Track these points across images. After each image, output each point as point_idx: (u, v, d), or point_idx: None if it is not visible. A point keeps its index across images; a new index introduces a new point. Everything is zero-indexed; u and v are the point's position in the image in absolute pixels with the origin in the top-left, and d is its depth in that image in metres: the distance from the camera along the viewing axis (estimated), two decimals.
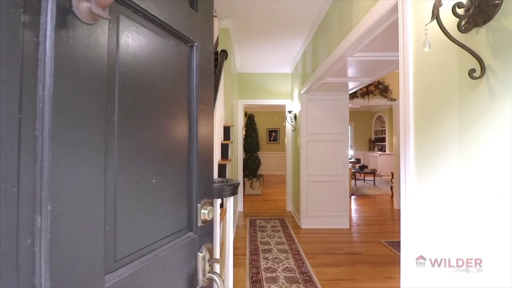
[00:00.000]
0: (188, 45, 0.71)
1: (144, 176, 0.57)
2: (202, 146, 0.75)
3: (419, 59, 1.33)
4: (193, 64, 0.72)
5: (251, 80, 5.35)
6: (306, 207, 4.19)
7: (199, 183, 0.72)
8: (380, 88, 5.28)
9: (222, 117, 2.90)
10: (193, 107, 0.72)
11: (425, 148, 1.27)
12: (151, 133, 0.59)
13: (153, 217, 0.59)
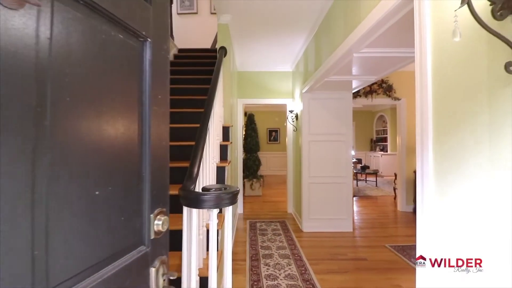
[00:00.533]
0: (139, 40, 0.64)
1: (85, 187, 0.50)
2: (156, 151, 0.69)
3: (438, 52, 1.20)
4: (145, 62, 0.66)
5: (251, 78, 5.22)
6: (308, 209, 4.06)
7: (152, 191, 0.67)
8: (383, 87, 5.15)
9: (221, 117, 2.77)
10: (145, 109, 0.65)
11: (446, 154, 1.14)
12: (94, 139, 0.53)
13: (96, 233, 0.53)
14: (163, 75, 0.72)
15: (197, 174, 1.35)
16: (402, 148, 5.30)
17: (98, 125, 0.53)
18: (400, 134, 5.34)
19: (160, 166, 0.71)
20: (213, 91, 2.15)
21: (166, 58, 0.74)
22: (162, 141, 0.71)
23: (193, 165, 1.35)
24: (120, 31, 0.58)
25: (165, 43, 0.73)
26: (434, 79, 1.23)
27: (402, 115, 5.29)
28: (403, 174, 5.29)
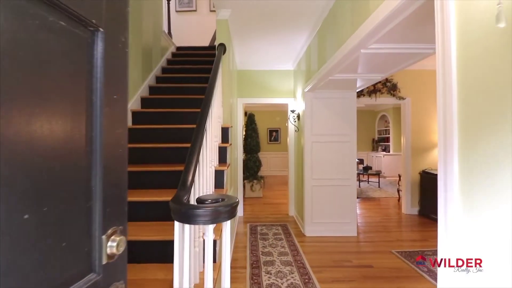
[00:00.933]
0: (89, 29, 0.53)
1: (7, 211, 0.38)
2: (110, 160, 0.58)
3: (466, 45, 1.05)
4: (96, 56, 0.55)
5: (252, 77, 5.07)
6: (311, 213, 3.92)
7: (105, 208, 0.57)
8: (388, 86, 5.00)
9: (219, 117, 2.62)
10: (95, 111, 0.54)
11: (474, 166, 0.99)
12: (22, 149, 0.41)
13: (26, 268, 0.42)
14: (120, 72, 0.61)
15: (192, 182, 1.21)
16: (407, 148, 5.15)
17: (28, 131, 0.41)
18: (404, 134, 5.19)
19: (116, 178, 0.60)
20: (211, 90, 2.01)
21: (124, 52, 0.62)
22: (118, 148, 0.60)
23: (187, 172, 1.21)
24: (61, 17, 0.47)
25: (123, 34, 0.61)
26: (459, 78, 1.08)
27: (407, 115, 5.14)
28: (408, 176, 5.14)
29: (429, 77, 5.15)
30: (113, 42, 0.58)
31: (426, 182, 4.95)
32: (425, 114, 5.16)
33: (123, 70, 0.62)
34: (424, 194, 5.01)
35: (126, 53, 0.62)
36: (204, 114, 1.74)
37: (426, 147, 5.16)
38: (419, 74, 5.13)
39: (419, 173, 5.12)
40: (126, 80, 0.63)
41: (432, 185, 4.81)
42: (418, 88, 5.15)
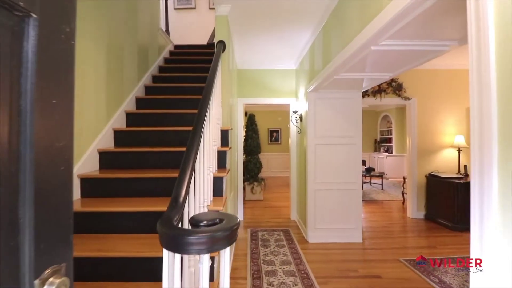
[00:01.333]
0: (15, 14, 0.40)
1: None
2: (46, 181, 0.45)
3: (506, 38, 0.89)
4: (25, 48, 0.41)
5: (252, 77, 4.91)
6: (314, 218, 3.75)
7: (39, 243, 0.44)
8: (393, 86, 4.83)
9: (218, 119, 2.46)
10: (24, 120, 0.41)
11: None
12: None
13: None
14: (61, 70, 0.48)
15: (186, 196, 1.04)
16: (413, 150, 4.99)
17: None
18: (410, 135, 5.02)
19: (55, 203, 0.47)
20: (209, 90, 1.85)
21: (70, 46, 0.48)
22: (59, 165, 0.47)
23: (180, 185, 1.05)
24: None
25: (67, 23, 0.47)
26: (499, 77, 0.92)
27: (413, 116, 4.97)
28: (414, 179, 4.98)
29: (436, 76, 4.99)
30: (52, 32, 0.45)
31: (432, 185, 4.79)
32: (431, 115, 4.99)
33: (66, 68, 0.47)
34: (431, 198, 4.84)
35: (72, 47, 0.48)
36: (201, 116, 1.57)
37: (432, 149, 4.99)
38: (425, 73, 4.97)
39: (425, 176, 4.95)
40: (71, 81, 0.48)
41: (439, 188, 4.65)
42: (424, 88, 4.98)
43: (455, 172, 4.91)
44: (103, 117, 2.45)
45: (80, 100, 2.09)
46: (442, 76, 4.99)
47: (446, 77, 4.99)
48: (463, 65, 4.96)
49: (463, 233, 4.15)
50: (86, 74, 2.19)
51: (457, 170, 4.92)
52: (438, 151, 4.99)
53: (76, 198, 2.04)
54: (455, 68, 4.98)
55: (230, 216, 0.93)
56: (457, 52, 4.41)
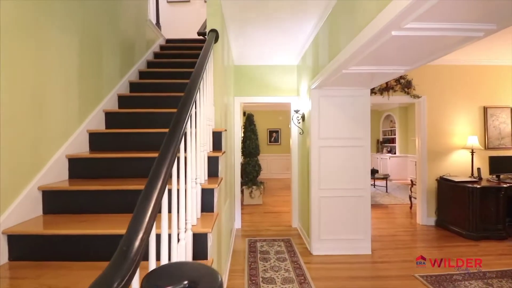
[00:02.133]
0: None
1: None
2: None
3: None
4: None
5: (250, 73, 4.56)
6: (318, 228, 3.41)
7: None
8: (401, 83, 4.50)
9: (210, 119, 2.11)
10: None
11: None
12: None
13: None
14: None
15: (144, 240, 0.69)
16: (422, 152, 4.65)
17: None
18: (419, 136, 4.69)
19: None
20: (195, 84, 1.50)
21: None
22: None
23: (137, 222, 0.70)
24: None
25: None
26: None
27: (422, 115, 4.64)
28: (424, 182, 4.64)
29: (446, 72, 4.65)
30: None
31: (444, 190, 4.45)
32: (442, 114, 4.66)
33: None
34: (442, 203, 4.51)
35: None
36: (182, 116, 1.23)
37: (443, 151, 4.65)
38: (435, 69, 4.63)
39: (436, 179, 4.62)
40: None
41: (451, 193, 4.32)
42: (434, 86, 4.64)
43: (468, 176, 4.58)
44: (74, 117, 2.10)
45: (40, 97, 1.74)
46: (453, 72, 4.65)
47: (458, 73, 4.66)
48: (475, 61, 4.63)
49: (479, 242, 3.82)
50: (50, 67, 1.84)
51: (470, 173, 4.59)
52: (449, 153, 4.66)
53: (37, 215, 1.69)
54: (467, 64, 4.65)
55: (210, 274, 0.58)
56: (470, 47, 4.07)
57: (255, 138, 6.27)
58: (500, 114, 4.70)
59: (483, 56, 4.41)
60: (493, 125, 4.69)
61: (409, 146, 9.46)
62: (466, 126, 4.68)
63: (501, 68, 4.73)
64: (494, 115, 4.70)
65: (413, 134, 9.17)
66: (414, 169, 8.96)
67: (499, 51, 4.25)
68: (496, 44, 3.87)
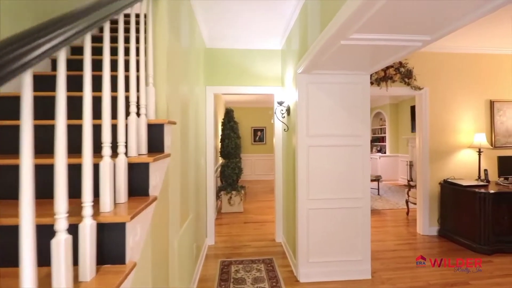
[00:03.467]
0: None
1: None
2: None
3: None
4: None
5: (226, 59, 3.82)
6: (307, 249, 2.72)
7: None
8: (402, 72, 3.89)
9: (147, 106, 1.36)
10: None
11: None
12: None
13: None
14: None
15: None
16: (424, 151, 4.07)
17: None
18: (421, 134, 4.10)
19: None
20: None
21: None
22: None
23: None
24: None
25: None
26: None
27: (424, 109, 4.05)
28: (426, 187, 4.07)
29: (452, 62, 4.09)
30: None
31: (448, 195, 3.89)
32: (447, 109, 4.09)
33: None
34: (446, 210, 3.95)
35: None
36: None
37: (447, 151, 4.09)
38: (439, 58, 4.06)
39: (439, 183, 4.05)
40: None
41: (457, 199, 3.75)
42: (438, 76, 4.07)
43: (475, 178, 4.04)
44: None
45: None
46: (458, 61, 4.10)
47: (463, 63, 4.11)
48: (482, 48, 4.09)
49: (492, 257, 3.26)
50: None
51: (476, 176, 4.06)
52: (454, 153, 4.11)
53: None
54: (473, 52, 4.11)
55: None
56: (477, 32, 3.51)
57: (235, 136, 5.53)
58: (507, 109, 4.20)
59: (490, 43, 3.88)
60: (500, 121, 4.18)
61: (400, 146, 9.02)
62: (472, 123, 4.14)
63: (509, 58, 4.22)
64: (502, 109, 4.18)
65: (404, 132, 8.72)
66: (405, 170, 8.51)
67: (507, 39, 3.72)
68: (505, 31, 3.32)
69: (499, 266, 3.03)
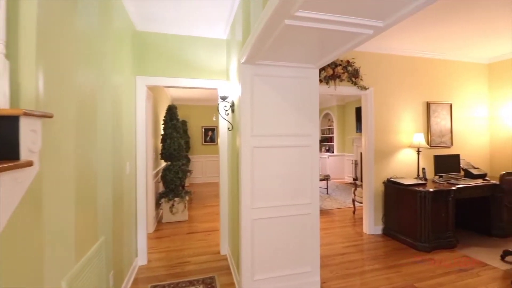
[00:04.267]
0: None
1: None
2: None
3: None
4: None
5: (163, 46, 3.29)
6: (251, 265, 2.38)
7: None
8: (349, 71, 3.83)
9: None
10: None
11: None
12: None
13: None
14: None
15: None
16: (369, 151, 4.09)
17: None
18: (366, 133, 4.11)
19: None
20: None
21: None
22: None
23: None
24: None
25: None
26: None
27: (369, 109, 4.07)
28: (371, 186, 4.09)
29: (394, 63, 4.19)
30: None
31: (391, 194, 3.96)
32: (388, 109, 4.18)
33: None
34: (389, 209, 4.01)
35: None
36: None
37: (390, 150, 4.18)
38: (383, 58, 4.12)
39: (383, 182, 4.12)
40: None
41: (398, 197, 3.82)
42: (382, 77, 4.13)
43: (414, 177, 4.20)
44: None
45: None
46: (399, 63, 4.22)
47: (403, 64, 4.24)
48: (420, 51, 4.28)
49: (432, 254, 3.36)
50: None
51: (416, 174, 4.23)
52: (396, 152, 4.21)
53: None
54: (411, 55, 4.27)
55: None
56: (415, 34, 3.62)
57: (179, 136, 4.96)
58: (441, 110, 4.47)
59: (428, 47, 4.06)
60: (436, 122, 4.43)
61: (346, 145, 9.39)
62: (412, 123, 4.31)
63: (444, 62, 4.51)
64: (436, 111, 4.44)
65: (350, 133, 9.09)
66: (351, 169, 8.88)
67: (443, 44, 3.94)
68: (440, 34, 3.47)
69: (440, 264, 3.10)
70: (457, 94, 4.60)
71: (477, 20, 3.17)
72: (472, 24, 3.27)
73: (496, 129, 4.74)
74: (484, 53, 4.40)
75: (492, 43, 3.94)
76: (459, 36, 3.69)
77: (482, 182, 3.83)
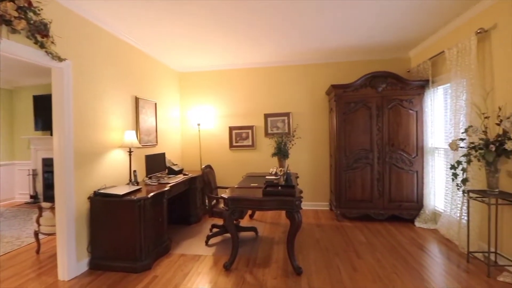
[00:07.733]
0: None
1: None
2: None
3: None
4: None
5: None
6: None
7: None
8: (31, 20, 2.25)
9: None
10: None
11: None
12: None
13: None
14: None
15: None
16: (67, 155, 2.77)
17: None
18: (60, 128, 2.74)
19: None
20: None
21: None
22: None
23: None
24: None
25: None
26: None
27: (66, 92, 2.74)
28: (71, 204, 2.79)
29: (101, 37, 3.22)
30: None
31: (101, 210, 2.94)
32: (94, 96, 3.15)
33: None
34: (98, 232, 2.96)
35: None
36: None
37: (96, 152, 3.15)
38: (90, 28, 3.02)
39: (88, 197, 2.98)
40: None
41: (112, 213, 2.93)
42: (86, 53, 2.99)
43: (127, 183, 3.53)
44: None
45: None
46: (106, 40, 3.33)
47: (111, 43, 3.43)
48: (127, 35, 3.71)
49: (155, 268, 2.89)
50: None
51: (128, 179, 3.58)
52: (105, 154, 3.28)
53: None
54: (119, 36, 3.59)
55: None
56: (129, 19, 3.07)
57: None
58: (148, 108, 4.23)
59: (143, 40, 3.61)
60: (144, 120, 4.10)
61: (17, 149, 6.52)
62: (123, 119, 3.60)
63: (153, 60, 4.30)
64: (144, 107, 4.12)
65: (24, 131, 6.39)
66: (27, 182, 6.22)
67: (153, 42, 3.70)
68: (155, 32, 3.18)
69: (166, 279, 2.68)
70: (160, 93, 4.65)
71: (167, 34, 3.21)
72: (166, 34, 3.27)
73: (185, 128, 5.47)
74: (178, 61, 4.85)
75: (180, 57, 4.36)
76: (163, 38, 3.64)
77: (184, 177, 4.09)
